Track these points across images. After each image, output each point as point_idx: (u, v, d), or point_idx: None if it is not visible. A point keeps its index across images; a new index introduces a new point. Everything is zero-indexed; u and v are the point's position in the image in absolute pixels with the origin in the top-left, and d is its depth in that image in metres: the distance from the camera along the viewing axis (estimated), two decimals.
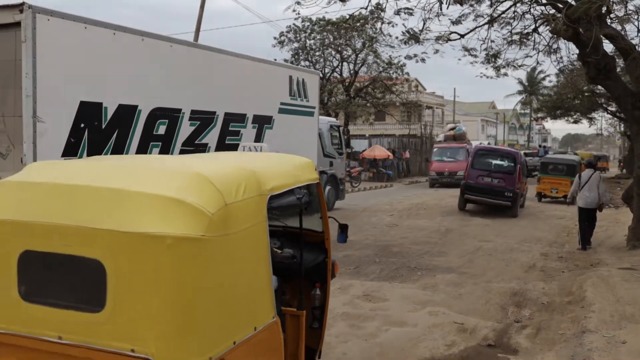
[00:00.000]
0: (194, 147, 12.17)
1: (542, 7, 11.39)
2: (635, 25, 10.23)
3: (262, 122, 14.28)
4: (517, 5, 11.30)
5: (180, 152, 11.74)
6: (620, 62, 16.70)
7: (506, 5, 11.43)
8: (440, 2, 11.04)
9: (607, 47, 11.73)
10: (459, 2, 10.97)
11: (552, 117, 41.76)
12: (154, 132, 11.22)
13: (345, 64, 33.98)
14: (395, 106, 42.26)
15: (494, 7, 11.45)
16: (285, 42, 32.84)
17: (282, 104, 15.03)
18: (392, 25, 11.58)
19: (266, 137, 14.37)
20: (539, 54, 12.35)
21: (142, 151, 10.93)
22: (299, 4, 11.36)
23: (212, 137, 12.67)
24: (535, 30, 11.85)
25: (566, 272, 9.77)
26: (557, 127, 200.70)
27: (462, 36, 11.84)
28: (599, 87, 20.48)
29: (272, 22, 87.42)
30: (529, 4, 11.21)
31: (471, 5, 11.57)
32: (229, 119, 13.04)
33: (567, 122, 41.37)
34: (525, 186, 20.51)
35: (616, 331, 6.06)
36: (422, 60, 13.94)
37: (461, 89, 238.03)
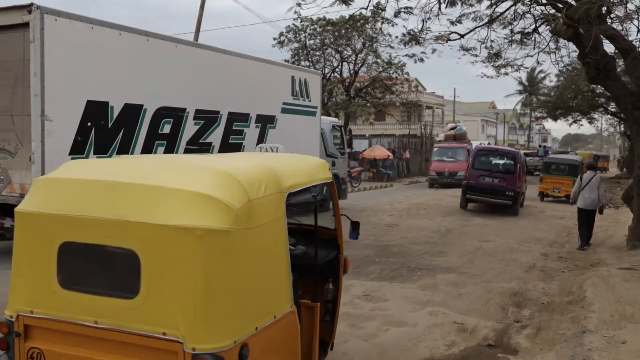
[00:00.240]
0: (199, 146, 12.20)
1: (542, 7, 11.38)
2: (635, 25, 10.23)
3: (265, 122, 14.31)
4: (517, 5, 11.29)
5: (185, 151, 11.78)
6: (620, 62, 16.70)
7: (506, 5, 11.44)
8: (439, 2, 11.04)
9: (607, 47, 11.74)
10: (451, 3, 10.94)
11: (553, 117, 41.73)
12: (159, 131, 11.27)
13: (345, 64, 33.99)
14: (395, 106, 42.25)
15: (494, 7, 11.44)
16: (285, 42, 32.85)
17: (284, 103, 15.04)
18: (392, 25, 11.57)
19: (269, 136, 14.39)
20: (539, 54, 12.35)
21: (148, 150, 10.99)
22: (299, 5, 11.35)
23: (216, 137, 12.71)
24: (535, 30, 11.85)
25: (566, 272, 9.77)
26: (557, 127, 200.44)
27: (462, 36, 11.84)
28: (599, 87, 20.48)
29: (272, 22, 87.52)
30: (529, 4, 11.20)
31: (471, 5, 11.56)
32: (232, 118, 13.08)
33: (566, 122, 41.36)
34: (525, 185, 20.62)
35: (616, 331, 6.06)
36: (420, 60, 13.94)
37: (461, 89, 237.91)
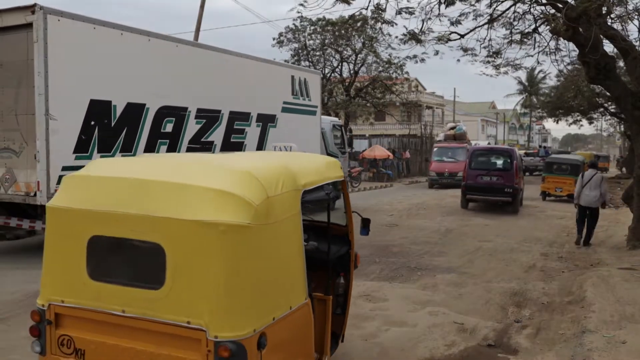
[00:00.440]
0: (200, 145, 12.27)
1: (542, 7, 11.38)
2: (635, 25, 10.21)
3: (266, 121, 14.37)
4: (517, 5, 11.28)
5: (187, 150, 11.87)
6: (620, 62, 16.69)
7: (506, 5, 11.43)
8: (439, 3, 11.03)
9: (607, 47, 11.73)
10: (450, 2, 10.93)
11: (553, 116, 41.68)
12: (162, 130, 11.35)
13: (345, 64, 33.98)
14: (395, 106, 42.25)
15: (494, 6, 11.43)
16: (284, 42, 32.84)
17: (285, 103, 15.09)
18: (392, 25, 11.55)
19: (270, 135, 14.45)
20: (539, 53, 12.34)
21: (151, 148, 11.09)
22: (303, 6, 11.36)
23: (217, 135, 12.78)
24: (535, 30, 11.84)
25: (566, 272, 9.77)
26: (557, 127, 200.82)
27: (462, 36, 11.82)
28: (599, 87, 20.47)
29: (272, 22, 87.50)
30: (529, 3, 11.19)
31: (471, 4, 11.56)
32: (233, 117, 13.16)
33: (566, 122, 41.30)
34: (522, 182, 20.77)
35: (616, 331, 6.06)
36: (422, 60, 13.94)
37: (461, 89, 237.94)
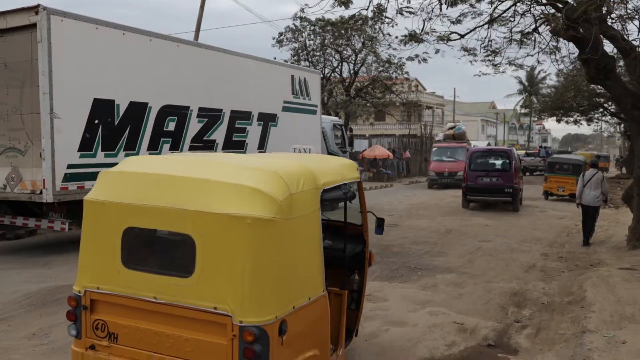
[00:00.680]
0: (203, 144, 12.37)
1: (542, 7, 11.37)
2: (635, 25, 10.21)
3: (267, 120, 14.46)
4: (517, 4, 11.27)
5: (189, 148, 11.99)
6: (620, 62, 16.68)
7: (506, 5, 11.42)
8: (440, 3, 11.02)
9: (607, 47, 11.72)
10: (453, 3, 10.92)
11: (554, 116, 41.65)
12: (165, 129, 11.47)
13: (345, 64, 33.98)
14: (395, 106, 42.26)
15: (494, 6, 11.42)
16: (284, 42, 32.83)
17: (285, 102, 15.17)
18: (392, 25, 11.56)
19: (271, 134, 14.54)
20: (539, 53, 12.32)
21: (154, 147, 11.19)
22: (303, 11, 11.38)
23: (219, 134, 12.88)
24: (535, 30, 11.83)
25: (566, 272, 9.76)
26: (557, 127, 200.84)
27: (462, 36, 11.81)
28: (599, 87, 20.47)
29: (272, 22, 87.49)
30: (529, 3, 11.18)
31: (471, 5, 11.55)
32: (235, 116, 13.26)
33: (566, 123, 41.25)
34: (521, 182, 20.96)
35: (616, 331, 6.06)
36: (424, 60, 13.95)
37: (461, 88, 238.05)
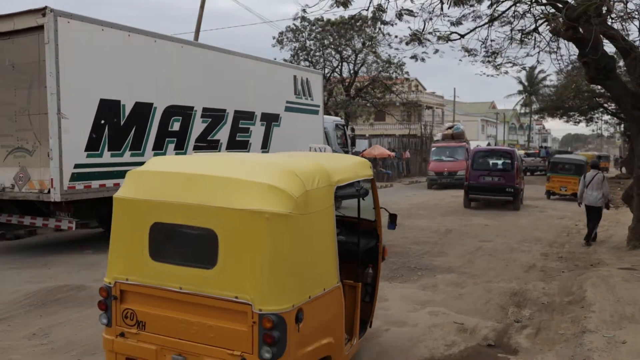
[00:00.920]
0: (207, 144, 12.47)
1: (542, 7, 11.36)
2: (635, 25, 10.21)
3: (270, 120, 14.54)
4: (517, 5, 11.27)
5: (194, 148, 12.10)
6: (620, 62, 16.67)
7: (506, 5, 11.41)
8: (442, 2, 11.01)
9: (607, 47, 11.72)
10: (459, 3, 10.93)
11: (553, 116, 41.64)
12: (169, 129, 11.59)
13: (345, 63, 33.98)
14: (395, 106, 42.26)
15: (494, 6, 11.42)
16: (284, 42, 32.84)
17: (288, 102, 15.27)
18: (392, 25, 11.54)
19: (274, 134, 14.64)
20: (539, 53, 12.32)
21: (159, 147, 11.31)
22: (305, 12, 11.39)
23: (223, 134, 12.98)
24: (535, 29, 11.83)
25: (566, 272, 9.76)
26: (557, 127, 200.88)
27: (462, 36, 11.81)
28: (599, 87, 20.48)
29: (272, 23, 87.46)
30: (529, 3, 11.18)
31: (471, 5, 11.54)
32: (238, 116, 13.37)
33: (565, 122, 41.25)
34: (523, 182, 21.14)
35: (616, 331, 6.06)
36: (422, 59, 13.95)
37: (461, 88, 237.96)
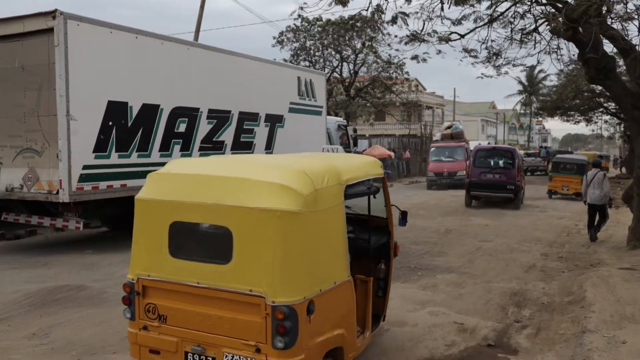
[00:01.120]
0: (212, 145, 12.56)
1: (542, 7, 11.36)
2: (635, 25, 10.21)
3: (274, 121, 14.63)
4: (517, 5, 11.27)
5: (199, 149, 12.16)
6: (620, 62, 16.66)
7: (506, 5, 11.41)
8: (442, 3, 11.01)
9: (607, 47, 11.71)
10: (460, 3, 10.93)
11: (553, 115, 41.63)
12: (175, 130, 11.70)
13: (345, 63, 33.98)
14: (395, 106, 42.24)
15: (494, 6, 11.41)
16: (284, 42, 32.84)
17: (291, 103, 15.37)
18: (392, 24, 11.55)
19: (278, 135, 14.72)
20: (539, 53, 12.31)
21: (165, 148, 11.39)
22: (302, 9, 11.41)
23: (228, 135, 13.07)
24: (535, 29, 11.82)
25: (566, 272, 9.76)
26: (557, 127, 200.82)
27: (462, 36, 11.80)
28: (599, 87, 20.48)
29: (272, 23, 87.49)
30: (529, 3, 11.18)
31: (471, 5, 11.53)
32: (243, 117, 13.48)
33: (565, 121, 41.22)
34: (524, 181, 21.42)
35: (616, 331, 6.06)
36: (423, 60, 13.98)
37: (461, 88, 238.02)
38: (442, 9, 11.17)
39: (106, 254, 10.48)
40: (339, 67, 34.09)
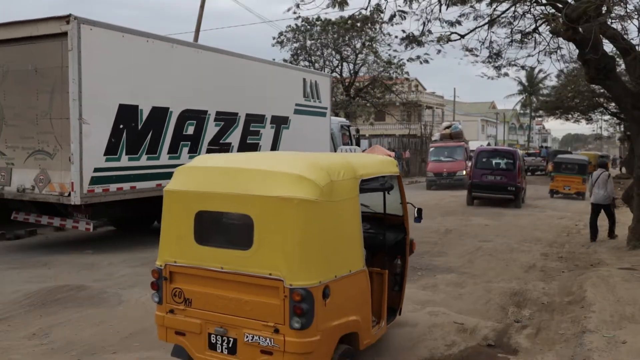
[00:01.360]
0: (219, 147, 12.62)
1: (542, 7, 11.36)
2: (635, 25, 10.20)
3: (280, 123, 14.69)
4: (517, 5, 11.26)
5: (207, 152, 12.23)
6: (620, 62, 16.66)
7: (506, 5, 11.40)
8: (440, 4, 11.01)
9: (607, 47, 11.71)
10: (457, 3, 10.93)
11: (553, 115, 41.61)
12: (184, 132, 11.79)
13: (345, 63, 33.99)
14: (395, 106, 42.25)
15: (494, 7, 11.41)
16: (284, 42, 32.84)
17: (297, 105, 15.44)
18: (392, 24, 11.56)
19: (283, 136, 14.76)
20: (539, 53, 12.31)
21: (174, 150, 11.50)
22: (298, 7, 11.41)
23: (235, 137, 13.15)
24: (535, 30, 11.82)
25: (566, 272, 9.76)
26: (557, 127, 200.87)
27: (462, 36, 11.80)
28: (599, 87, 20.47)
29: (272, 23, 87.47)
30: (529, 4, 11.18)
31: (471, 5, 11.54)
32: (249, 119, 13.54)
33: (565, 120, 41.19)
34: (524, 181, 21.61)
35: (616, 331, 6.05)
36: (425, 61, 13.99)
37: (461, 88, 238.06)
38: (440, 10, 11.17)
39: (106, 254, 10.48)
40: (339, 67, 34.10)
